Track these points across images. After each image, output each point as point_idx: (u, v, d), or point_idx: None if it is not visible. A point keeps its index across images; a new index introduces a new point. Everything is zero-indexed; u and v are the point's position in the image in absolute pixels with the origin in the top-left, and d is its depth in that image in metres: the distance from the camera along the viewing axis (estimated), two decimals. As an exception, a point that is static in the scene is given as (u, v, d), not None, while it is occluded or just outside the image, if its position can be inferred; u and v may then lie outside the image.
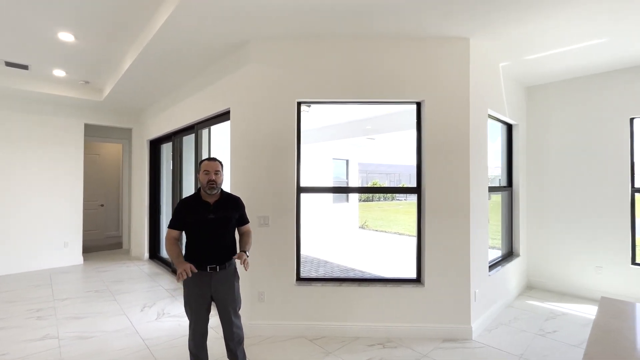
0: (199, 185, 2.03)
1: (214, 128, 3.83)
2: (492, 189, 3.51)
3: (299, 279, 2.87)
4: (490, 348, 2.60)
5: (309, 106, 3.18)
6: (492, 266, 3.33)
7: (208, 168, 1.94)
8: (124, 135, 6.35)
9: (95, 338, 2.74)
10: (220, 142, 3.89)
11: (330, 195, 8.07)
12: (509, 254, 3.89)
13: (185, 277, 1.76)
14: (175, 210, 1.98)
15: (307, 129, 2.93)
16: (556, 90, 3.87)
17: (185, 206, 1.96)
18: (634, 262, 3.43)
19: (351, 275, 4.72)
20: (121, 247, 6.49)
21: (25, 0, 2.50)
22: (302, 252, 2.93)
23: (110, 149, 7.23)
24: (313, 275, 4.41)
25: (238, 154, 2.98)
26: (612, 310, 1.49)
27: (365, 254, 6.87)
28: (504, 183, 3.97)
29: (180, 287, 4.04)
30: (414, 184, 2.90)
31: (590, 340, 1.21)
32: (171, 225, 1.96)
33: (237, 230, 2.11)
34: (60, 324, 2.99)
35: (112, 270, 4.86)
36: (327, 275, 4.47)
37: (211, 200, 1.96)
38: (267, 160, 2.82)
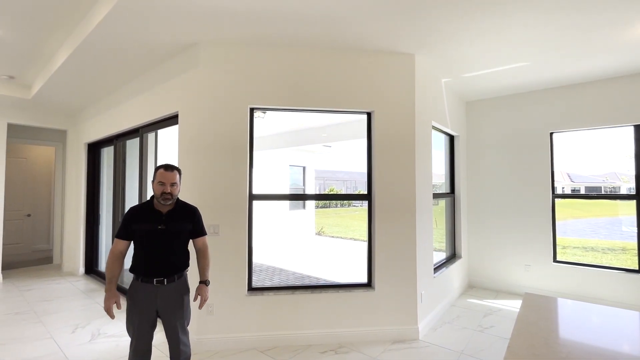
0: (152, 193, 1.89)
1: (161, 132, 3.63)
2: (437, 195, 3.75)
3: (251, 289, 2.80)
4: (435, 346, 2.75)
5: (265, 112, 3.16)
6: (437, 268, 3.54)
7: (163, 179, 1.80)
8: (57, 137, 5.74)
9: (13, 367, 2.40)
10: (169, 146, 3.69)
11: (287, 202, 8.02)
12: (452, 256, 4.17)
13: (110, 315, 1.75)
14: (124, 219, 1.83)
15: (263, 135, 2.91)
16: (491, 105, 4.28)
17: (135, 215, 1.82)
18: (555, 260, 3.87)
19: (306, 282, 4.71)
20: (51, 262, 5.81)
21: None
22: (257, 260, 2.87)
23: (40, 153, 6.48)
24: (267, 284, 4.33)
25: (186, 160, 2.84)
26: (534, 305, 1.65)
27: (321, 260, 6.91)
28: (447, 190, 4.27)
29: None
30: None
31: (513, 333, 1.34)
32: (119, 235, 1.82)
33: (193, 243, 1.98)
34: (-32, 354, 2.58)
35: (38, 288, 4.32)
36: (281, 284, 4.41)
37: (164, 209, 1.84)
38: (217, 167, 2.73)
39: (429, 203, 3.23)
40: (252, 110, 2.83)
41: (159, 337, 2.19)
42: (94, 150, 5.10)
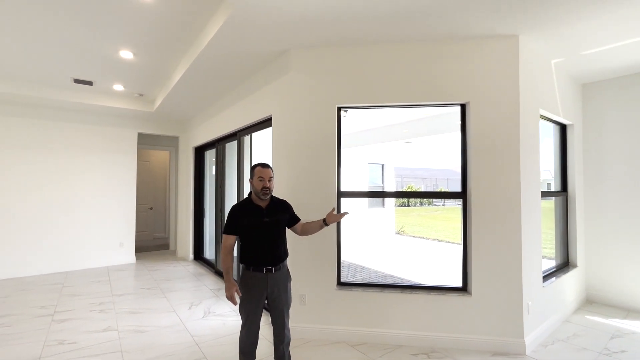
0: (249, 190, 2.11)
1: (255, 135, 3.98)
2: (544, 194, 3.28)
3: (340, 283, 2.87)
4: (546, 365, 2.41)
5: (346, 111, 3.20)
6: (546, 277, 3.11)
7: (263, 175, 2.01)
8: (171, 143, 6.79)
9: (150, 332, 2.93)
10: (261, 147, 4.03)
11: (366, 200, 7.99)
12: (565, 265, 3.60)
13: (232, 302, 1.95)
14: (230, 215, 2.06)
15: (343, 133, 2.95)
16: (617, 86, 3.54)
17: (240, 212, 2.04)
18: None
19: (390, 281, 4.62)
20: (168, 248, 6.91)
21: (92, 23, 2.79)
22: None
23: (159, 156, 7.75)
24: (352, 280, 4.38)
25: (280, 160, 3.06)
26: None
27: (403, 260, 6.70)
28: (557, 187, 3.70)
29: (223, 287, 4.21)
30: (452, 188, 2.80)
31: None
32: (227, 231, 2.04)
33: (294, 229, 2.20)
34: (119, 318, 3.24)
35: (161, 269, 5.19)
36: (366, 281, 4.42)
37: (263, 204, 2.04)
38: (308, 165, 2.87)
39: (537, 203, 2.84)
40: (339, 109, 2.90)
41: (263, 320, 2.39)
42: (199, 153, 5.88)
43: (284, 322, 2.02)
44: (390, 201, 9.10)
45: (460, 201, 2.79)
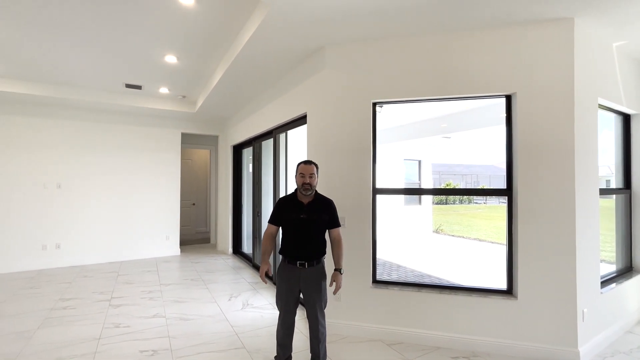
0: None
1: (290, 132, 4.04)
2: (602, 192, 2.98)
3: (375, 281, 2.84)
4: (605, 379, 2.21)
5: (381, 107, 3.14)
6: (605, 282, 2.83)
7: (304, 171, 2.07)
8: (211, 141, 7.11)
9: (193, 321, 3.11)
10: (296, 145, 4.09)
11: (402, 197, 7.80)
12: (627, 270, 3.26)
13: (262, 280, 2.07)
14: (275, 206, 2.17)
15: (378, 129, 2.90)
16: (695, 69, 3.11)
17: (283, 205, 2.13)
18: None
19: (427, 281, 4.49)
20: (209, 242, 7.27)
21: (141, 30, 2.99)
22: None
23: (201, 154, 8.16)
24: (387, 278, 4.32)
25: (315, 156, 3.08)
26: None
27: (441, 260, 6.47)
28: (618, 185, 3.35)
29: (260, 280, 4.35)
30: (495, 186, 2.63)
31: None
32: (270, 221, 2.16)
33: (328, 233, 2.18)
34: (166, 305, 3.47)
35: (202, 262, 5.47)
36: (402, 280, 4.33)
37: (305, 200, 2.09)
38: (343, 161, 2.86)
39: (594, 201, 2.60)
40: (374, 104, 2.85)
41: (301, 314, 2.44)
42: (237, 151, 6.10)
43: (317, 318, 2.05)
44: (427, 199, 8.81)
45: (504, 199, 2.63)
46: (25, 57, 3.59)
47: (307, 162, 2.12)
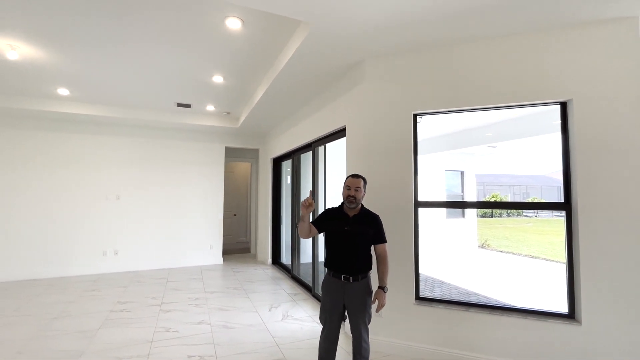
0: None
1: (329, 145, 4.09)
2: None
3: (418, 298, 2.73)
4: None
5: (421, 117, 3.08)
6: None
7: (350, 184, 2.08)
8: (252, 155, 7.40)
9: (236, 329, 3.20)
10: (335, 157, 4.13)
11: (443, 210, 7.48)
12: None
13: (306, 205, 1.94)
14: (320, 214, 2.19)
15: (418, 140, 2.84)
16: None
17: (328, 214, 2.15)
18: None
19: (474, 300, 4.22)
20: (249, 252, 7.49)
21: (192, 55, 3.24)
22: (420, 269, 2.79)
23: (242, 167, 8.52)
24: (429, 295, 4.12)
25: (354, 169, 3.08)
26: None
27: (489, 277, 6.06)
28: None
29: (299, 292, 4.37)
30: (547, 197, 2.45)
31: None
32: (313, 221, 2.15)
33: (374, 248, 2.14)
34: (211, 313, 3.61)
35: (243, 271, 5.64)
36: (446, 297, 4.11)
37: (351, 213, 2.09)
38: (383, 174, 2.83)
39: (672, 216, 2.30)
40: (415, 116, 2.81)
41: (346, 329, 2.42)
42: (276, 163, 6.29)
43: (360, 334, 2.01)
44: (471, 211, 8.35)
45: (559, 212, 2.42)
46: (92, 83, 4.04)
47: (355, 176, 2.12)
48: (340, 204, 2.18)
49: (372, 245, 2.12)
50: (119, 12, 2.50)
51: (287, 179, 6.00)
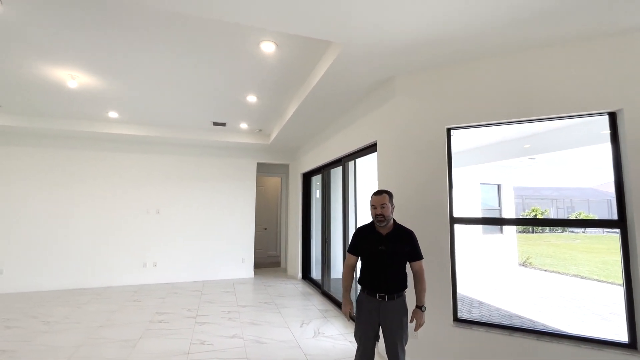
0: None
1: (359, 160, 4.10)
2: None
3: (456, 319, 2.60)
4: None
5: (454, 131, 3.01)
6: None
7: (375, 203, 2.05)
8: (282, 170, 7.56)
9: (268, 344, 3.21)
10: (366, 172, 4.12)
11: (479, 225, 7.13)
12: None
13: (347, 318, 2.04)
14: (353, 236, 2.18)
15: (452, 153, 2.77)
16: None
17: (360, 235, 2.13)
18: None
19: (517, 323, 3.94)
20: (279, 266, 7.54)
21: (228, 77, 3.43)
22: (457, 288, 2.66)
23: (272, 182, 8.71)
24: (468, 316, 3.91)
25: (386, 184, 3.06)
26: None
27: (533, 298, 5.64)
28: None
29: (330, 309, 4.32)
30: (595, 212, 2.28)
31: None
32: (349, 250, 2.16)
33: (410, 265, 2.10)
34: (244, 327, 3.66)
35: (274, 285, 5.68)
36: (487, 319, 3.87)
37: (384, 231, 2.06)
38: (416, 189, 2.78)
39: None
40: (448, 130, 2.75)
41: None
42: (306, 178, 6.37)
43: (397, 355, 1.95)
44: (509, 227, 7.89)
45: (614, 229, 2.23)
46: (138, 106, 4.38)
47: (378, 193, 2.09)
48: (371, 222, 2.16)
49: (408, 263, 2.07)
50: (164, 42, 2.72)
51: (316, 193, 6.05)
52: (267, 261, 8.08)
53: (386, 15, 2.03)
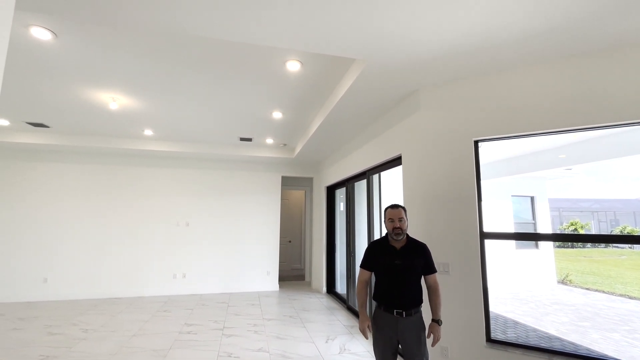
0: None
1: (384, 173, 4.07)
2: None
3: (490, 339, 2.48)
4: None
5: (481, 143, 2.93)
6: None
7: (392, 216, 2.05)
8: (306, 183, 7.64)
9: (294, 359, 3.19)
10: (390, 185, 4.08)
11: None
12: None
13: (364, 335, 1.99)
14: (366, 251, 2.17)
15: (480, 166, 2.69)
16: None
17: (374, 250, 2.12)
18: None
19: (558, 346, 3.67)
20: (303, 279, 7.53)
21: (255, 95, 3.56)
22: (489, 307, 2.54)
23: (296, 195, 8.80)
24: (502, 337, 3.69)
25: (411, 199, 3.02)
26: None
27: (574, 319, 5.24)
28: None
29: (356, 325, 4.24)
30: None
31: None
32: (362, 265, 2.15)
33: (424, 279, 2.07)
34: (269, 341, 3.67)
35: (298, 299, 5.67)
36: (523, 341, 3.64)
37: (398, 245, 2.05)
38: (444, 204, 2.72)
39: None
40: (476, 142, 2.70)
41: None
42: (330, 191, 6.39)
43: None
44: (546, 242, 7.45)
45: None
46: (171, 124, 4.63)
47: (394, 207, 2.07)
48: (384, 236, 2.14)
49: (422, 276, 2.04)
50: (200, 67, 2.89)
51: (340, 206, 6.04)
52: (291, 274, 8.09)
53: (411, 31, 2.06)
